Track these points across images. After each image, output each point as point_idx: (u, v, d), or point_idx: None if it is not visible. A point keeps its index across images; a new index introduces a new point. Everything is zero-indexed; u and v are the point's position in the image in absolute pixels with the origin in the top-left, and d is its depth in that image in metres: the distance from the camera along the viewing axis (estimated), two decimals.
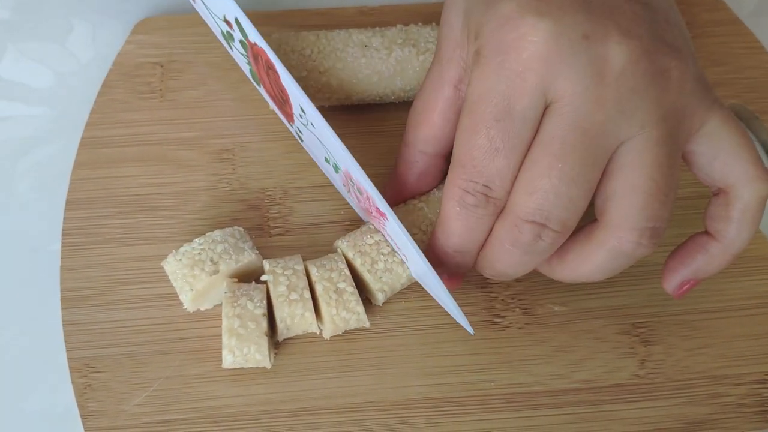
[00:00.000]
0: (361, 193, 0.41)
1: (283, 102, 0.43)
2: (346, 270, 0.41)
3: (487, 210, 0.36)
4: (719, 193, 0.37)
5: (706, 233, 0.37)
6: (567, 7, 0.33)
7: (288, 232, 0.45)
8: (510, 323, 0.43)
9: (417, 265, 0.40)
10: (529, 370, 0.42)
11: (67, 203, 0.45)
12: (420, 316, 0.43)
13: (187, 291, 0.40)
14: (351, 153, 0.38)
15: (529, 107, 0.34)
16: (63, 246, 0.44)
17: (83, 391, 0.40)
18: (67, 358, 0.41)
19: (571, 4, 0.34)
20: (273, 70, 0.41)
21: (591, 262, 0.36)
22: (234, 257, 0.40)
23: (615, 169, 0.34)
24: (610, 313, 0.43)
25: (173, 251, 0.41)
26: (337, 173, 0.43)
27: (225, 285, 0.40)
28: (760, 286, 0.45)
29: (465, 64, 0.37)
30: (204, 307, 0.42)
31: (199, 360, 0.41)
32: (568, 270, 0.37)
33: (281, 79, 0.41)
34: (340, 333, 0.41)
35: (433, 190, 0.43)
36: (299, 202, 0.46)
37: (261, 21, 0.52)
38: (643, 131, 0.34)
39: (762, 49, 0.52)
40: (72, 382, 0.40)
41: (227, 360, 0.39)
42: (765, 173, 0.36)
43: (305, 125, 0.42)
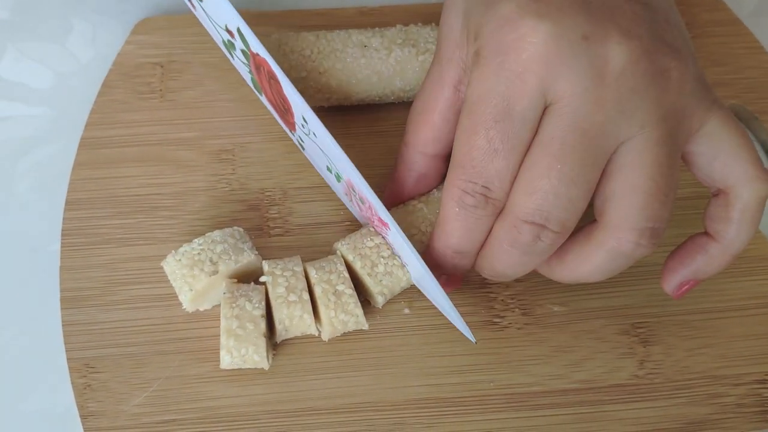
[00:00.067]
0: (363, 203, 0.41)
1: (285, 111, 0.43)
2: (345, 272, 0.41)
3: (486, 211, 0.36)
4: (719, 194, 0.37)
5: (705, 234, 0.37)
6: (567, 8, 0.33)
7: (287, 232, 0.45)
8: (509, 323, 0.43)
9: (419, 275, 0.40)
10: (529, 370, 0.42)
11: (67, 203, 0.45)
12: (419, 316, 0.43)
13: (186, 291, 0.40)
14: (352, 154, 0.38)
15: (529, 108, 0.34)
16: (62, 246, 0.44)
17: (83, 392, 0.40)
18: (67, 358, 0.41)
19: (571, 5, 0.34)
20: (275, 79, 0.41)
21: (590, 262, 0.36)
22: (233, 258, 0.40)
23: (614, 170, 0.34)
24: (609, 314, 0.43)
25: (173, 251, 0.41)
26: (339, 182, 0.43)
27: (224, 285, 0.41)
28: (760, 286, 0.45)
29: (464, 65, 0.37)
30: (203, 308, 0.42)
31: (199, 360, 0.41)
32: (567, 271, 0.37)
33: (283, 90, 0.41)
34: (338, 335, 0.41)
35: (433, 190, 0.43)
36: (299, 202, 0.46)
37: (261, 21, 0.52)
38: (643, 131, 0.34)
39: (761, 50, 0.52)
40: (71, 382, 0.40)
41: (225, 361, 0.39)
42: (764, 174, 0.36)
43: (307, 134, 0.42)
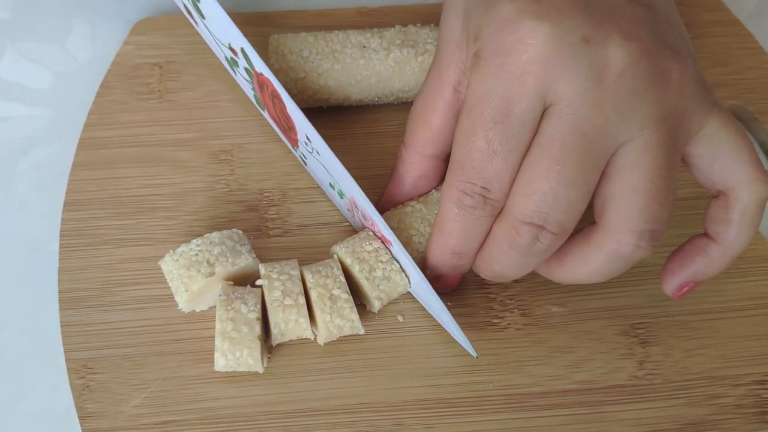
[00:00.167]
0: (366, 220, 0.41)
1: (288, 129, 0.43)
2: (341, 276, 0.40)
3: (485, 212, 0.36)
4: (719, 196, 0.37)
5: (705, 235, 0.37)
6: (567, 10, 0.33)
7: (286, 233, 0.45)
8: (508, 324, 0.43)
9: (421, 290, 0.40)
10: (528, 371, 0.42)
11: (66, 204, 0.45)
12: (417, 317, 0.43)
13: (182, 292, 0.40)
14: (350, 155, 0.38)
15: (528, 110, 0.34)
16: (61, 247, 0.44)
17: (81, 393, 0.40)
18: (65, 359, 0.41)
19: (571, 6, 0.33)
20: (279, 99, 0.41)
21: (590, 264, 0.36)
22: (230, 260, 0.40)
23: (614, 171, 0.34)
24: (608, 314, 0.43)
25: (171, 251, 0.40)
26: (342, 199, 0.43)
27: (220, 288, 0.40)
28: (759, 287, 0.45)
29: (464, 66, 0.37)
30: (199, 309, 0.42)
31: (197, 361, 0.41)
32: (567, 272, 0.37)
33: (287, 109, 0.41)
34: (334, 339, 0.41)
35: (431, 191, 0.43)
36: (298, 203, 0.46)
37: (259, 22, 0.52)
38: (643, 133, 0.34)
39: (761, 50, 0.52)
40: (70, 383, 0.40)
41: (219, 363, 0.39)
42: (764, 175, 0.36)
43: (310, 152, 0.42)
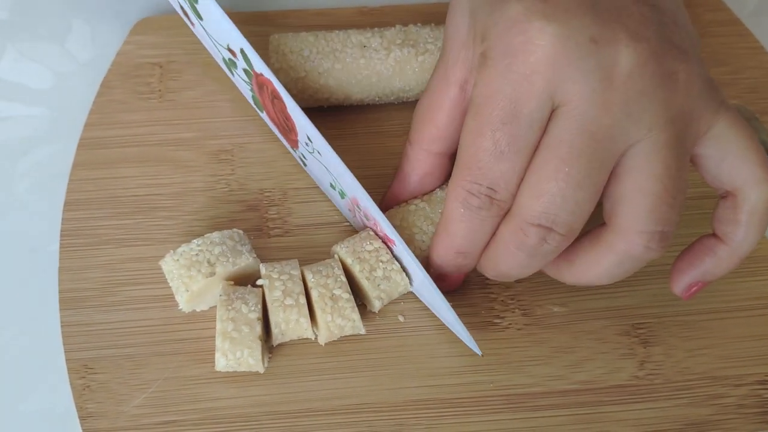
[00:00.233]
0: (369, 219, 0.41)
1: (288, 130, 0.43)
2: (342, 276, 0.40)
3: (491, 212, 0.36)
4: (727, 196, 0.36)
5: (713, 235, 0.37)
6: (574, 10, 0.33)
7: (287, 233, 0.45)
8: (509, 324, 0.43)
9: (425, 289, 0.40)
10: (529, 371, 0.41)
11: (66, 204, 0.45)
12: (418, 317, 0.43)
13: (183, 292, 0.40)
14: (351, 155, 0.38)
15: (536, 110, 0.34)
16: (61, 247, 0.44)
17: (82, 393, 0.40)
18: (66, 359, 0.41)
19: (579, 6, 0.33)
20: (279, 99, 0.41)
21: (600, 265, 0.36)
22: (231, 260, 0.40)
23: (623, 173, 0.34)
24: (609, 314, 0.43)
25: (171, 251, 0.40)
26: (343, 199, 0.43)
27: (220, 288, 0.40)
28: (761, 286, 0.44)
29: (471, 64, 0.37)
30: (200, 309, 0.42)
31: (198, 361, 0.41)
32: (576, 274, 0.37)
33: (288, 109, 0.41)
34: (335, 339, 0.41)
35: (436, 189, 0.43)
36: (298, 203, 0.46)
37: (259, 21, 0.52)
38: (651, 134, 0.34)
39: (762, 50, 0.52)
40: (70, 383, 0.40)
41: (220, 363, 0.39)
42: None
43: (311, 152, 0.42)
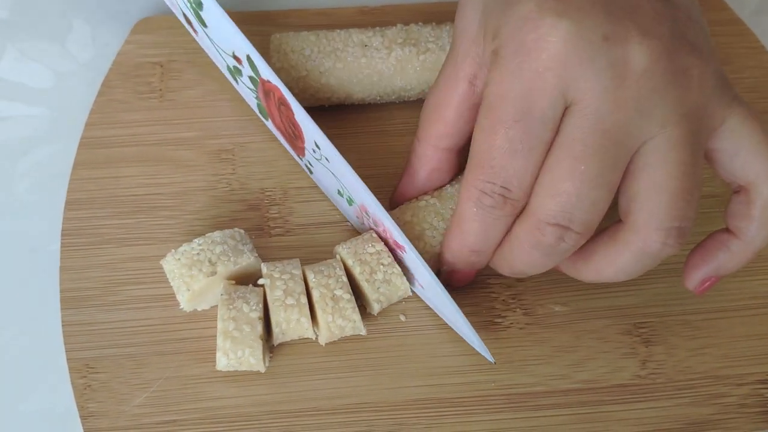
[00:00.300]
0: (378, 226, 0.41)
1: (295, 137, 0.43)
2: (343, 277, 0.40)
3: (505, 211, 0.36)
4: (740, 191, 0.36)
5: (726, 230, 0.37)
6: (587, 8, 0.33)
7: (288, 232, 0.45)
8: (511, 323, 0.43)
9: (435, 295, 0.40)
10: (530, 370, 0.41)
11: (67, 203, 0.45)
12: (419, 316, 0.43)
13: (184, 291, 0.40)
14: (352, 155, 0.38)
15: (549, 108, 0.33)
16: (62, 246, 0.44)
17: (83, 392, 0.40)
18: (67, 358, 0.41)
19: (592, 4, 0.33)
20: (286, 106, 0.41)
21: (616, 263, 0.36)
22: (232, 259, 0.40)
23: (638, 170, 0.34)
24: (611, 313, 0.43)
25: (172, 250, 0.40)
26: (351, 206, 0.43)
27: (222, 287, 0.40)
28: (763, 285, 0.44)
29: (480, 60, 0.37)
30: (201, 308, 0.42)
31: (199, 361, 0.41)
32: (593, 271, 0.37)
33: (295, 116, 0.40)
34: (335, 339, 0.41)
35: (446, 186, 0.43)
36: (299, 202, 0.46)
37: (261, 21, 0.52)
38: (665, 130, 0.33)
39: (763, 49, 0.52)
40: (71, 383, 0.40)
41: (221, 362, 0.39)
42: None
43: (318, 159, 0.42)
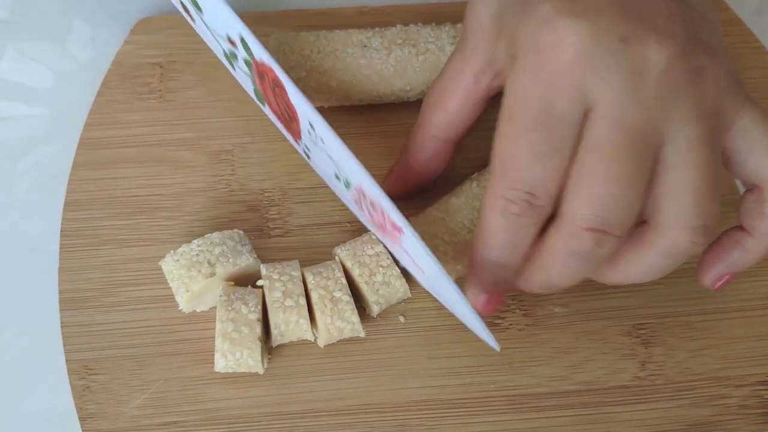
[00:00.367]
0: (375, 208, 0.40)
1: (290, 120, 0.42)
2: (342, 279, 0.40)
3: (532, 219, 0.35)
4: (753, 189, 0.36)
5: (740, 228, 0.37)
6: (604, 9, 0.33)
7: (287, 233, 0.45)
8: (510, 324, 0.43)
9: (437, 280, 0.39)
10: (530, 371, 0.41)
11: (66, 204, 0.45)
12: (419, 318, 0.43)
13: (183, 292, 0.40)
14: (354, 152, 0.37)
15: (570, 110, 0.33)
16: (61, 247, 0.44)
17: (82, 393, 0.40)
18: (66, 360, 0.41)
19: (608, 5, 0.33)
20: (280, 87, 0.40)
21: (643, 263, 0.36)
22: (231, 260, 0.40)
23: (661, 170, 0.34)
24: (611, 315, 0.43)
25: (171, 251, 0.40)
26: (349, 190, 0.42)
27: (220, 288, 0.40)
28: (762, 287, 0.44)
29: (490, 57, 0.37)
30: (200, 309, 0.42)
31: (198, 362, 0.41)
32: (619, 273, 0.37)
33: (289, 96, 0.40)
34: (334, 341, 0.41)
35: (450, 198, 0.43)
36: (299, 203, 0.46)
37: (260, 21, 0.52)
38: (685, 130, 0.33)
39: (763, 49, 0.52)
40: (70, 384, 0.40)
41: (219, 364, 0.39)
42: None
43: (314, 142, 0.41)
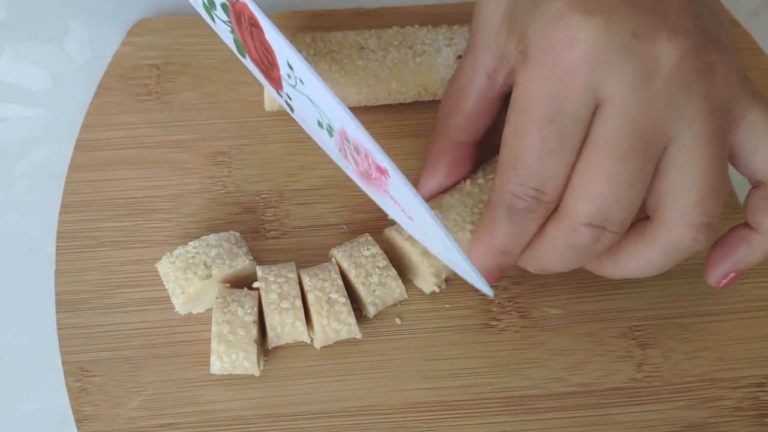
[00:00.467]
0: (359, 153, 0.38)
1: (270, 66, 0.41)
2: (339, 280, 0.40)
3: (538, 213, 0.35)
4: (759, 186, 0.37)
5: (746, 225, 0.37)
6: (616, 5, 0.33)
7: (284, 235, 0.45)
8: (506, 326, 0.43)
9: (425, 225, 0.37)
10: (526, 373, 0.42)
11: (62, 206, 0.45)
12: (415, 319, 0.43)
13: (179, 294, 0.40)
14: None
15: (581, 107, 0.33)
16: (58, 249, 0.44)
17: (78, 396, 0.40)
18: (62, 362, 0.41)
19: (620, 1, 0.33)
20: (257, 27, 0.38)
21: (643, 258, 0.36)
22: (228, 262, 0.40)
23: (667, 167, 0.34)
24: (606, 317, 0.43)
25: (167, 253, 0.40)
26: (332, 137, 0.40)
27: (216, 290, 0.40)
28: (758, 289, 0.44)
29: (502, 55, 0.37)
30: (196, 311, 0.42)
31: (194, 364, 0.41)
32: (620, 267, 0.37)
33: (266, 34, 0.38)
34: (330, 343, 0.41)
35: (444, 196, 0.42)
36: (295, 204, 0.46)
37: None
38: (693, 126, 0.33)
39: (760, 51, 0.52)
40: (66, 386, 0.40)
41: (215, 366, 0.39)
42: None
43: (294, 86, 0.39)
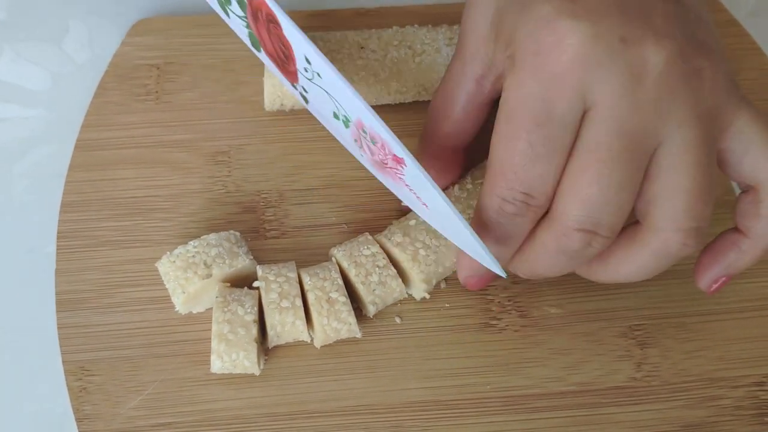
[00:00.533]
0: (375, 143, 0.38)
1: (286, 60, 0.41)
2: (339, 279, 0.40)
3: (527, 217, 0.35)
4: (749, 191, 0.37)
5: (736, 230, 0.37)
6: (604, 10, 0.33)
7: (284, 234, 0.45)
8: (506, 326, 0.43)
9: (441, 212, 0.37)
10: (526, 372, 0.42)
11: (62, 206, 0.45)
12: (415, 319, 0.43)
13: (179, 293, 0.40)
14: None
15: (569, 111, 0.33)
16: (58, 249, 0.44)
17: (78, 395, 0.40)
18: (62, 361, 0.41)
19: (608, 6, 0.33)
20: (275, 22, 0.38)
21: (634, 263, 0.36)
22: (228, 262, 0.40)
23: (656, 171, 0.34)
24: (606, 316, 0.43)
25: (168, 252, 0.40)
26: (348, 128, 0.40)
27: (217, 289, 0.40)
28: (757, 288, 0.45)
29: (490, 60, 0.37)
30: (196, 310, 0.42)
31: (194, 363, 0.41)
32: (610, 272, 0.37)
33: (284, 30, 0.38)
34: (330, 342, 0.41)
35: (452, 187, 0.43)
36: (295, 204, 0.46)
37: None
38: (681, 131, 0.33)
39: (760, 51, 0.52)
40: (67, 385, 0.40)
41: (215, 365, 0.39)
42: None
43: (311, 79, 0.40)
